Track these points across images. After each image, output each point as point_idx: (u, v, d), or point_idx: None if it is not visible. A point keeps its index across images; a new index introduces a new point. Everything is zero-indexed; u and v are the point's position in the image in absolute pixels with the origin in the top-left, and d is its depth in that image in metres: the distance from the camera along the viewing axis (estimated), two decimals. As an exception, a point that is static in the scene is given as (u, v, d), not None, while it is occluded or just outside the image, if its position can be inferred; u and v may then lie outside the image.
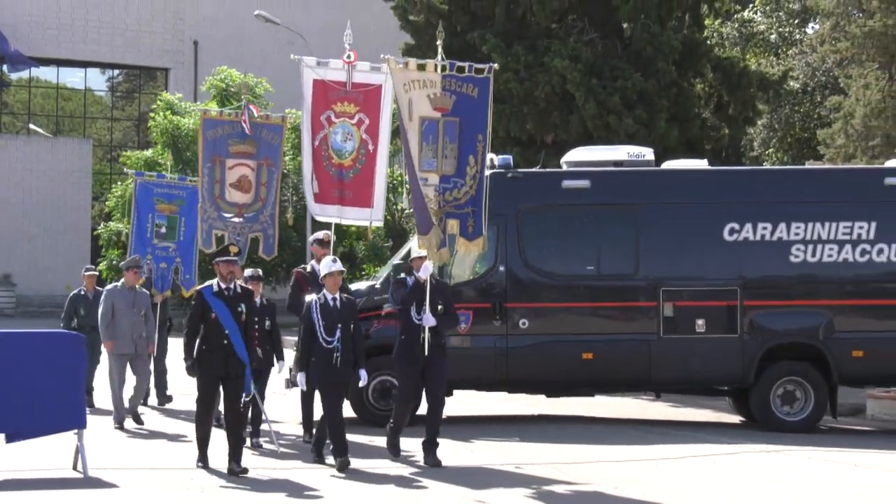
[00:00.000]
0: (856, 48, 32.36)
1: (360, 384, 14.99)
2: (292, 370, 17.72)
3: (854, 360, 19.33)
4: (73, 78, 67.56)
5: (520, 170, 20.31)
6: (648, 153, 20.56)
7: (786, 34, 45.85)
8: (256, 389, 14.98)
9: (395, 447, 15.17)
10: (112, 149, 67.27)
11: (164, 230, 21.71)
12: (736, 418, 21.26)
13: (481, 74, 15.03)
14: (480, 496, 12.70)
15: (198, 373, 14.10)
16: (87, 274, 21.37)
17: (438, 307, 14.79)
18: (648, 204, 19.73)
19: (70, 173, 59.63)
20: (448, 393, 18.27)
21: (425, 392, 15.07)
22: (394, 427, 15.19)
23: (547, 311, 19.37)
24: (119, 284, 18.83)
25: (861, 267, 19.50)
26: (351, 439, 14.71)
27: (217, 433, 14.52)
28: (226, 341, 13.93)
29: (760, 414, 19.56)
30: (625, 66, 30.80)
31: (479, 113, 15.00)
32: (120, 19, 63.25)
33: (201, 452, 14.23)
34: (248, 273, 16.28)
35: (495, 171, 18.63)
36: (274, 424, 16.56)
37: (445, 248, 15.02)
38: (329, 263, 14.66)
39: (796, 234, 19.48)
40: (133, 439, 17.28)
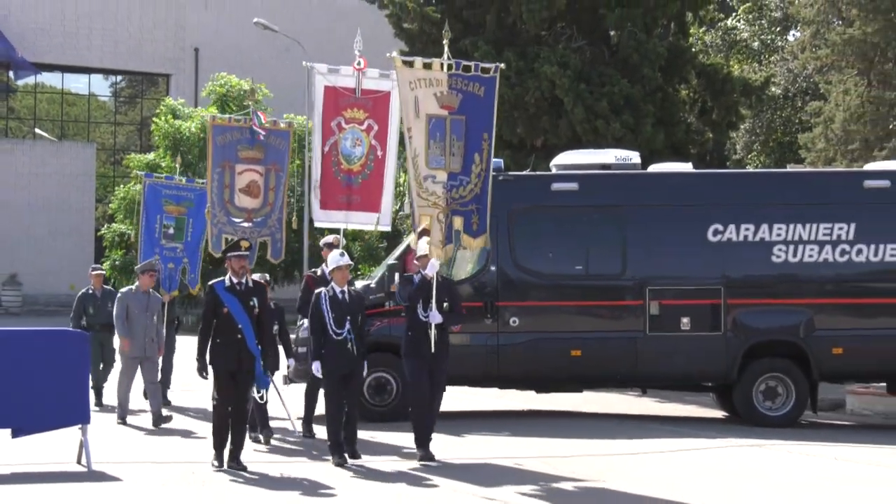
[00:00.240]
0: (835, 55, 32.41)
1: (363, 374, 14.83)
2: (289, 367, 17.67)
3: (834, 357, 19.33)
4: (78, 84, 67.52)
5: (511, 173, 20.31)
6: (635, 157, 20.56)
7: (768, 41, 45.87)
8: (265, 387, 14.49)
9: (427, 449, 14.46)
10: (115, 152, 67.25)
11: (172, 231, 21.60)
12: (720, 413, 21.27)
13: (487, 74, 14.82)
14: (491, 494, 12.43)
15: (213, 368, 13.80)
16: (95, 273, 21.26)
17: (444, 304, 14.60)
18: (635, 206, 19.73)
19: (74, 176, 59.63)
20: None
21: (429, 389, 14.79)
22: (418, 436, 14.56)
23: (537, 310, 19.36)
24: (133, 287, 18.70)
25: (841, 267, 19.50)
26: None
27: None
28: (239, 335, 13.67)
29: (743, 409, 19.56)
30: (612, 73, 30.80)
31: (485, 112, 14.78)
32: (123, 27, 63.22)
33: (218, 452, 13.78)
34: (256, 277, 15.62)
35: (487, 174, 18.61)
36: (274, 421, 16.49)
37: (451, 245, 14.86)
38: (337, 258, 14.55)
39: (778, 235, 19.49)
40: (137, 434, 17.23)
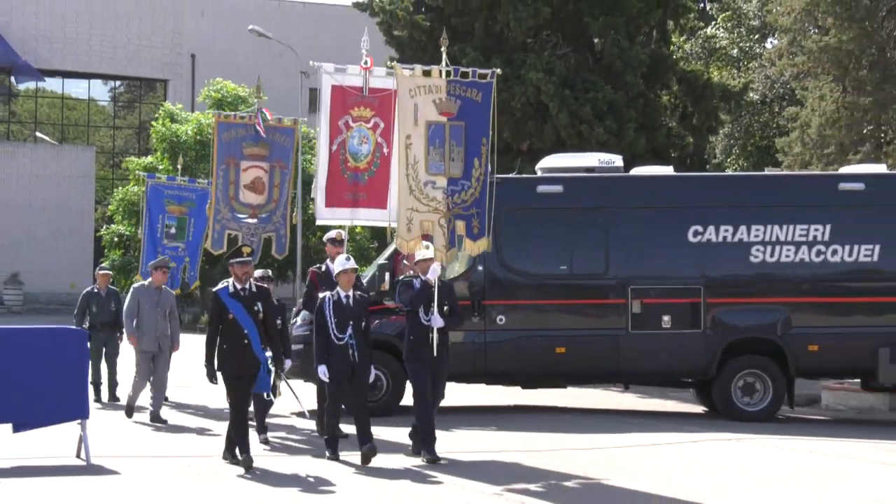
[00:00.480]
0: (812, 62, 32.40)
1: (370, 379, 14.41)
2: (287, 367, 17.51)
3: (810, 354, 19.37)
4: (78, 89, 67.53)
5: (497, 175, 20.30)
6: (618, 160, 20.58)
7: (746, 49, 45.93)
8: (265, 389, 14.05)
9: (433, 450, 14.09)
10: (114, 155, 67.25)
11: (174, 230, 21.50)
12: (699, 408, 21.28)
13: (484, 80, 14.68)
14: (497, 490, 12.22)
15: (221, 374, 13.49)
16: (102, 273, 21.20)
17: (444, 308, 14.30)
18: (618, 208, 19.74)
19: (74, 179, 59.60)
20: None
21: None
22: (422, 427, 14.26)
23: (522, 308, 19.37)
24: (146, 283, 18.56)
25: (817, 267, 19.53)
26: (353, 432, 14.14)
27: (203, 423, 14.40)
28: (246, 341, 13.33)
29: (722, 404, 19.58)
30: (596, 79, 30.83)
31: (483, 117, 14.62)
32: (122, 34, 63.22)
33: (242, 446, 13.34)
34: (259, 273, 15.50)
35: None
36: (277, 419, 16.37)
37: (454, 249, 14.69)
38: (343, 261, 14.21)
39: (756, 236, 19.51)
40: (135, 430, 17.19)
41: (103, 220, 53.83)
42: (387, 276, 19.07)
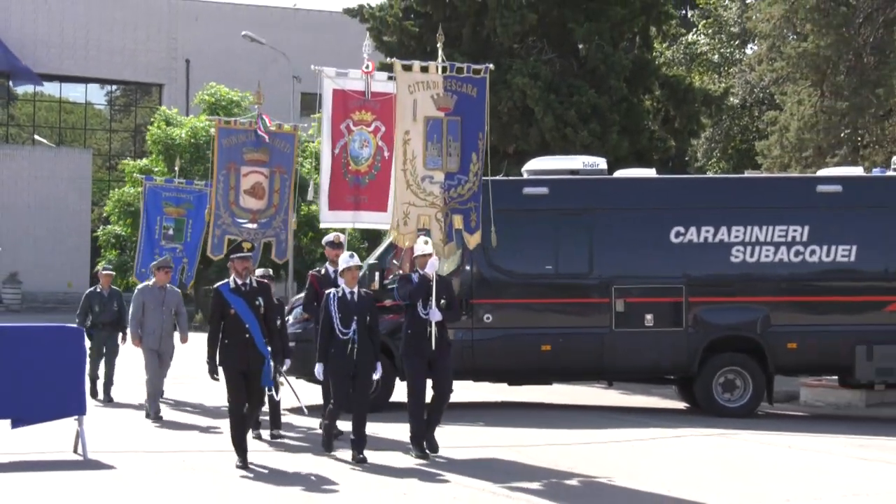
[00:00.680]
0: (790, 67, 32.40)
1: (375, 377, 14.02)
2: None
3: (788, 352, 19.41)
4: (75, 93, 67.43)
5: (485, 177, 20.26)
6: (602, 163, 20.58)
7: (727, 55, 45.85)
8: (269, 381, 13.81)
9: (423, 450, 14.02)
10: (110, 158, 67.15)
11: (172, 232, 21.34)
12: (681, 405, 21.30)
13: (479, 75, 14.63)
14: (499, 490, 12.04)
15: (223, 369, 13.31)
16: (105, 273, 21.01)
17: (442, 302, 14.16)
18: (602, 209, 19.76)
19: (72, 180, 59.49)
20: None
21: (432, 383, 14.32)
22: (414, 435, 14.14)
23: (509, 307, 19.36)
24: (150, 283, 18.41)
25: (795, 267, 19.57)
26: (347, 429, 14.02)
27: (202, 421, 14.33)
28: (247, 335, 13.16)
29: (704, 401, 19.61)
30: (580, 84, 30.81)
31: (479, 111, 14.53)
32: (118, 39, 63.11)
33: (239, 453, 13.16)
34: (260, 273, 15.26)
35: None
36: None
37: (452, 243, 14.58)
38: (347, 259, 14.02)
39: (736, 237, 19.54)
40: (132, 425, 17.14)
41: (100, 221, 53.74)
42: (377, 276, 19.08)
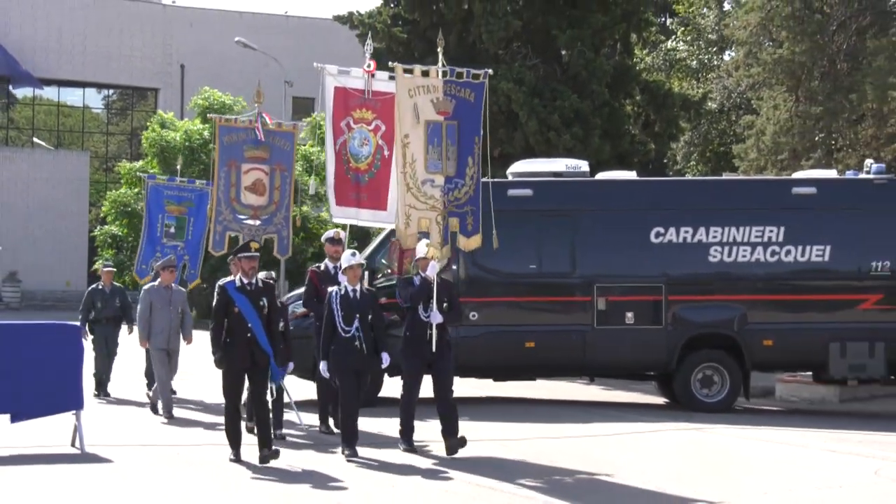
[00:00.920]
0: (767, 73, 32.51)
1: (383, 366, 13.93)
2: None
3: (765, 349, 19.44)
4: (73, 97, 67.31)
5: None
6: (584, 165, 20.58)
7: (705, 61, 45.91)
8: (276, 383, 13.72)
9: (411, 444, 14.07)
10: (107, 160, 67.00)
11: (174, 230, 20.98)
12: (661, 400, 21.32)
13: (477, 80, 14.34)
14: (485, 482, 11.94)
15: (223, 366, 13.12)
16: (107, 270, 20.81)
17: (444, 304, 13.97)
18: (584, 210, 19.77)
19: (70, 182, 59.37)
20: (392, 374, 18.16)
21: (435, 385, 14.09)
22: (403, 429, 14.12)
23: (494, 305, 19.36)
24: (156, 283, 18.08)
25: (771, 266, 19.59)
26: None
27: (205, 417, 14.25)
28: (249, 334, 12.91)
29: (682, 396, 19.63)
30: (563, 89, 30.80)
31: (476, 116, 14.28)
32: (115, 45, 63.02)
33: (234, 449, 13.07)
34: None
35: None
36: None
37: (447, 246, 14.30)
38: (349, 257, 13.83)
39: (714, 237, 19.56)
40: (129, 420, 17.14)
41: (97, 221, 53.60)
42: (366, 275, 19.00)
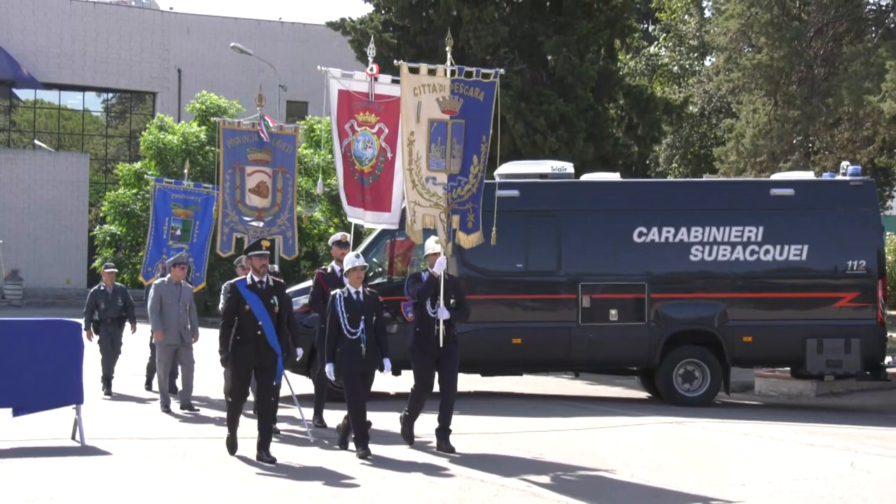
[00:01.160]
0: (746, 78, 32.52)
1: (385, 371, 13.68)
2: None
3: (744, 345, 19.45)
4: (73, 100, 67.16)
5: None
6: (569, 167, 20.58)
7: (686, 66, 45.95)
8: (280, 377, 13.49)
9: (410, 436, 13.96)
10: (106, 162, 66.86)
11: (179, 233, 20.80)
12: (643, 394, 21.33)
13: (488, 79, 14.13)
14: (511, 483, 11.67)
15: (232, 364, 13.05)
16: (108, 271, 20.48)
17: (451, 301, 13.82)
18: (569, 211, 19.76)
19: (70, 183, 59.26)
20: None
21: (439, 381, 13.90)
22: (409, 416, 13.95)
23: (482, 303, 19.25)
24: (166, 280, 18.00)
25: (751, 265, 19.60)
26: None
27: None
28: (259, 332, 12.81)
29: (664, 390, 19.64)
30: (549, 93, 30.82)
31: (484, 115, 14.10)
32: (114, 50, 62.90)
33: (231, 430, 13.05)
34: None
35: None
36: (281, 410, 16.08)
37: (450, 243, 14.09)
38: (352, 259, 13.50)
39: (695, 237, 19.56)
40: (128, 414, 17.09)
41: (96, 221, 53.54)
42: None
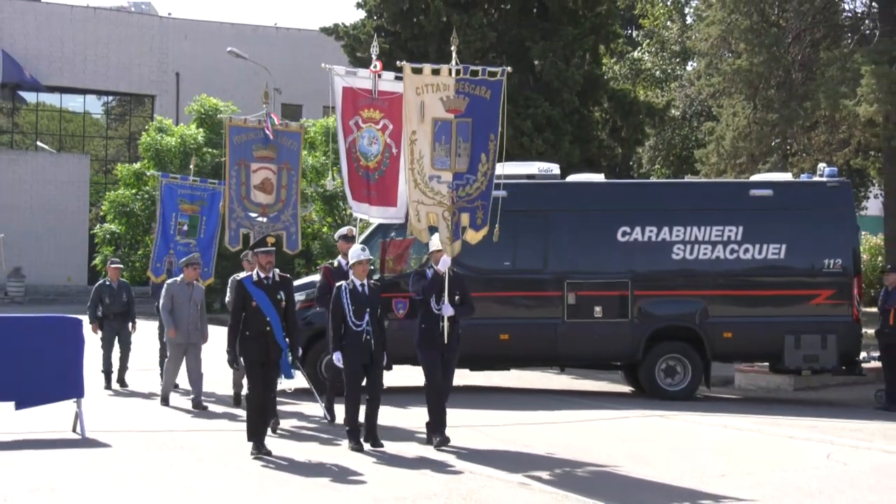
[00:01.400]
0: (726, 83, 32.57)
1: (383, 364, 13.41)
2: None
3: (724, 340, 19.48)
4: (74, 103, 66.94)
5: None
6: (555, 168, 20.60)
7: (669, 71, 46.07)
8: (290, 377, 13.42)
9: (443, 432, 13.40)
10: (106, 163, 66.66)
11: (186, 228, 20.51)
12: (627, 388, 21.35)
13: (494, 77, 13.78)
14: (519, 479, 11.47)
15: (243, 360, 12.92)
16: (113, 267, 20.39)
17: (455, 297, 13.70)
18: (555, 210, 19.78)
19: (71, 183, 59.13)
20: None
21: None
22: (433, 414, 13.56)
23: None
24: (178, 279, 17.75)
25: (731, 264, 19.63)
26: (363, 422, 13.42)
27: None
28: (268, 328, 12.71)
29: (647, 385, 19.67)
30: (536, 96, 30.89)
31: (492, 113, 13.70)
32: (114, 54, 62.74)
33: (256, 441, 12.61)
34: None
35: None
36: (287, 406, 16.01)
37: (458, 241, 13.79)
38: (357, 252, 13.40)
39: (677, 236, 19.59)
40: (128, 407, 17.07)
41: (96, 220, 53.37)
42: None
